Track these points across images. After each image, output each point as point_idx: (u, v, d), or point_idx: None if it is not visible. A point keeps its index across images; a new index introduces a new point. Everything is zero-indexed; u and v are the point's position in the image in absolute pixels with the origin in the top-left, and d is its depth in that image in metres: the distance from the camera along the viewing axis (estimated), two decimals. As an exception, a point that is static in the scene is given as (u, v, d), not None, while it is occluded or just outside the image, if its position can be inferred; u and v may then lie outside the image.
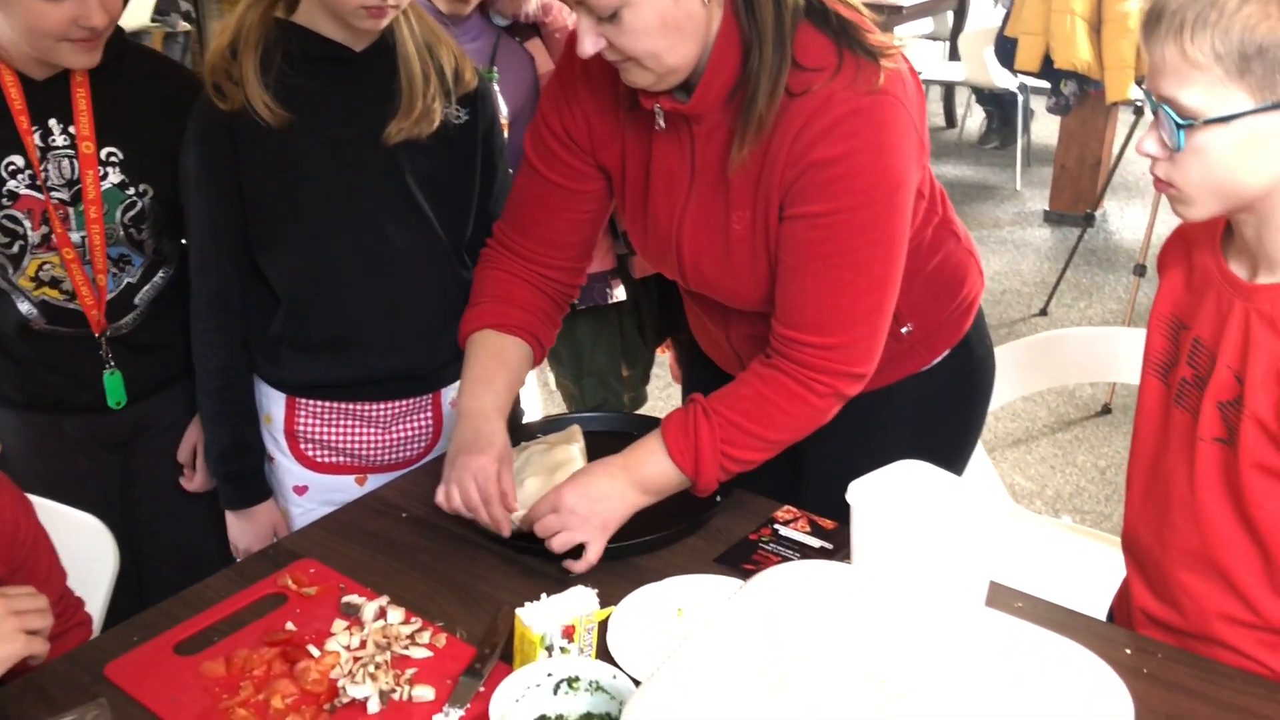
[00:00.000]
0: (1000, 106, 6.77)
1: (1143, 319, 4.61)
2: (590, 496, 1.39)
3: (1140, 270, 3.86)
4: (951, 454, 1.75)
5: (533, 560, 1.44)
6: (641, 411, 2.98)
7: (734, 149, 1.35)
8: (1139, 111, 4.10)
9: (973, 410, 1.77)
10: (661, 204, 1.47)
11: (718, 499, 1.51)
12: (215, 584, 1.41)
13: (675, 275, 1.54)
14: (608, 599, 1.35)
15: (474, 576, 1.42)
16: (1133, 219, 5.69)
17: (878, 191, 1.33)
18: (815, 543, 1.48)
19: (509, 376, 1.54)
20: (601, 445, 1.59)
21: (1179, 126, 1.13)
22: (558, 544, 1.39)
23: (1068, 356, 2.18)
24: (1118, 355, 2.13)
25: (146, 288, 1.69)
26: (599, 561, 1.41)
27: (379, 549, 1.48)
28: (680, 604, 1.34)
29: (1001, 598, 1.36)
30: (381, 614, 1.33)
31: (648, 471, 1.42)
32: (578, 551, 1.40)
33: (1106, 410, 3.83)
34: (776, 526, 1.52)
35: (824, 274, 1.36)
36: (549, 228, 1.57)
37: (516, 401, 1.89)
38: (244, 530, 1.72)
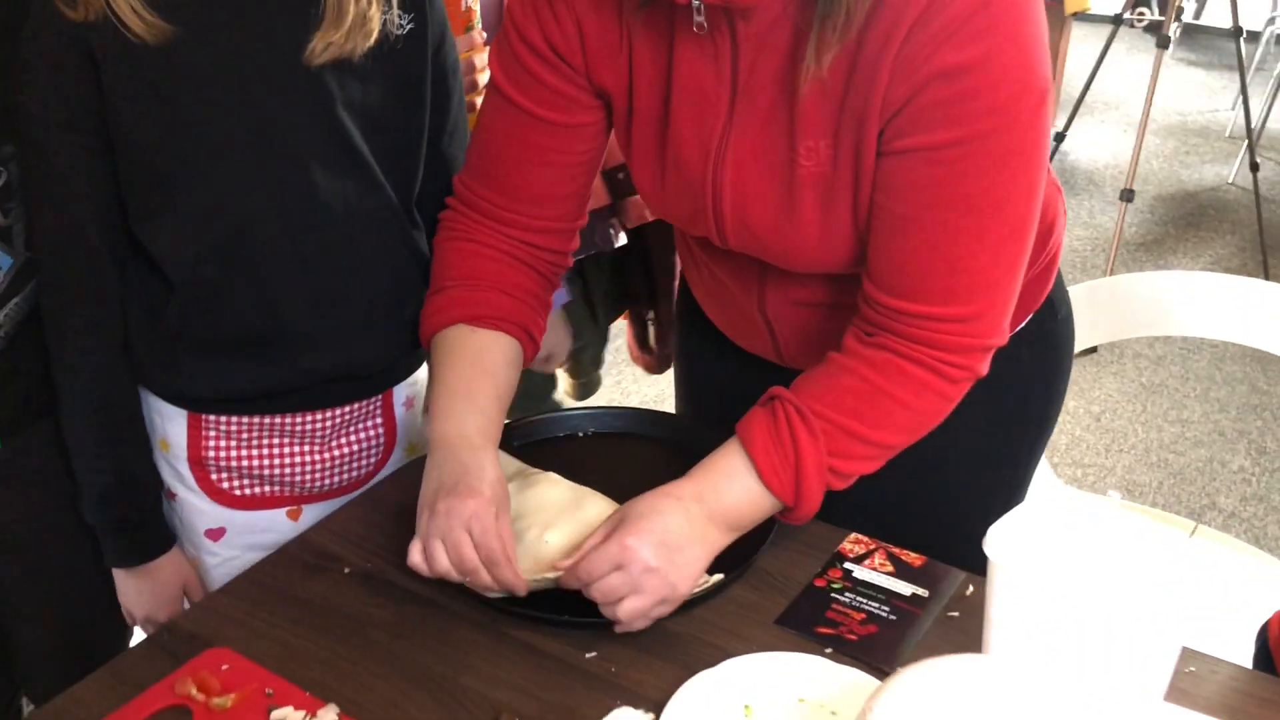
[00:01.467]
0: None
1: (1130, 249, 4.28)
2: (668, 545, 1.00)
3: (1127, 195, 3.55)
4: (1033, 439, 1.42)
5: (528, 633, 1.06)
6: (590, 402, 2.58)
7: (809, 56, 0.96)
8: (1118, 21, 3.78)
9: (1057, 384, 1.43)
10: (689, 135, 1.08)
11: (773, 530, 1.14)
12: (83, 695, 1.00)
13: (706, 230, 1.15)
14: (647, 694, 0.98)
15: (454, 664, 1.03)
16: (1087, 138, 5.42)
17: (1022, 106, 0.96)
18: (904, 588, 1.12)
19: (496, 388, 1.14)
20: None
21: None
22: (625, 613, 1.01)
23: (1133, 304, 1.84)
24: (1187, 303, 1.81)
25: (16, 300, 1.21)
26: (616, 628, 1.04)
27: (316, 626, 1.07)
28: (747, 699, 0.97)
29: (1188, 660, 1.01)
30: (329, 737, 0.94)
31: (731, 501, 1.05)
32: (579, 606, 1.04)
33: (1092, 349, 3.54)
34: (848, 565, 1.15)
35: (954, 224, 1.00)
36: (533, 178, 1.16)
37: None
38: (141, 592, 1.29)
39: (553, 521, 1.10)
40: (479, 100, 1.64)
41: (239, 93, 1.12)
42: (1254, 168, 3.85)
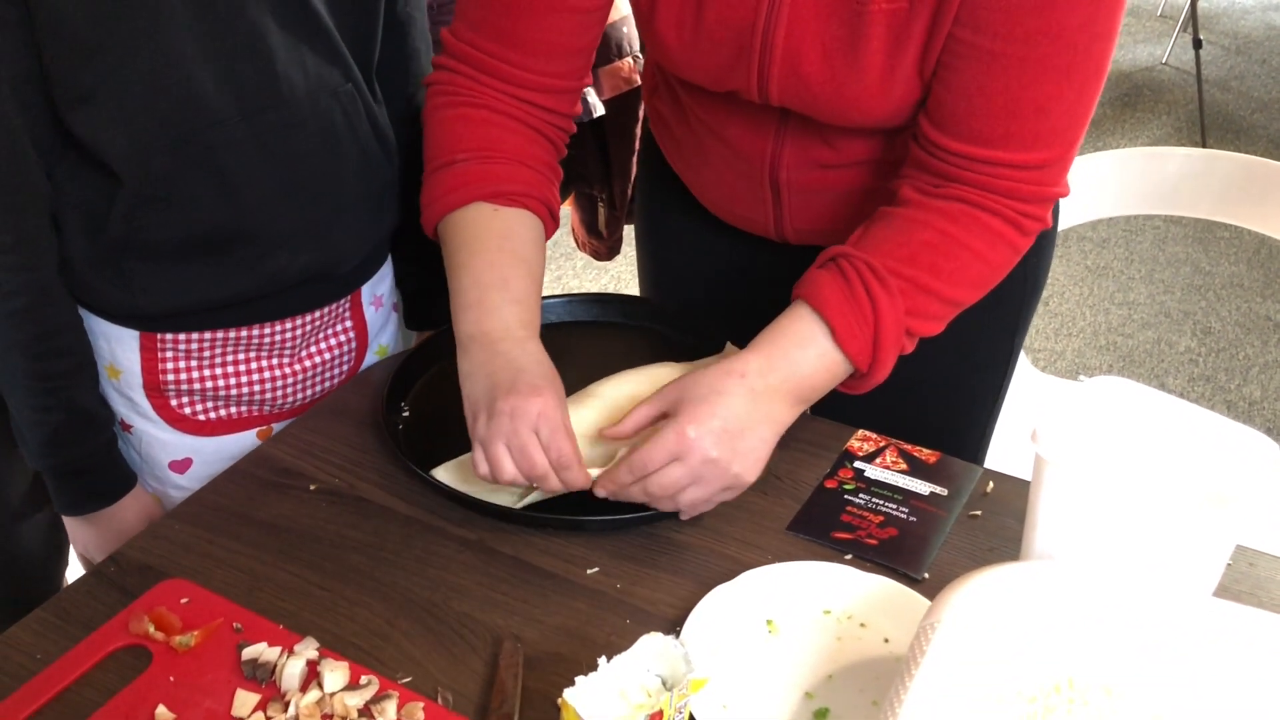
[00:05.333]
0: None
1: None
2: (730, 432, 0.91)
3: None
4: (1028, 303, 1.35)
5: (522, 549, 0.97)
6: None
7: None
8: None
9: (1049, 244, 1.36)
10: None
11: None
12: (20, 638, 0.88)
13: (743, 83, 1.03)
14: (660, 613, 0.90)
15: (443, 588, 0.93)
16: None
17: None
18: (922, 487, 1.04)
19: (530, 273, 1.02)
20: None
21: None
22: (687, 503, 0.93)
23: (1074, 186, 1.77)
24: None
25: None
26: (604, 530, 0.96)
27: (284, 551, 0.97)
28: (769, 613, 0.90)
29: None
30: (311, 675, 0.84)
31: (805, 370, 0.95)
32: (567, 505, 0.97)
33: (1037, 232, 3.51)
34: (858, 464, 1.07)
35: (1046, 60, 0.92)
36: (547, 26, 1.03)
37: None
38: (104, 538, 1.15)
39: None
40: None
41: None
42: (1197, 45, 3.80)
